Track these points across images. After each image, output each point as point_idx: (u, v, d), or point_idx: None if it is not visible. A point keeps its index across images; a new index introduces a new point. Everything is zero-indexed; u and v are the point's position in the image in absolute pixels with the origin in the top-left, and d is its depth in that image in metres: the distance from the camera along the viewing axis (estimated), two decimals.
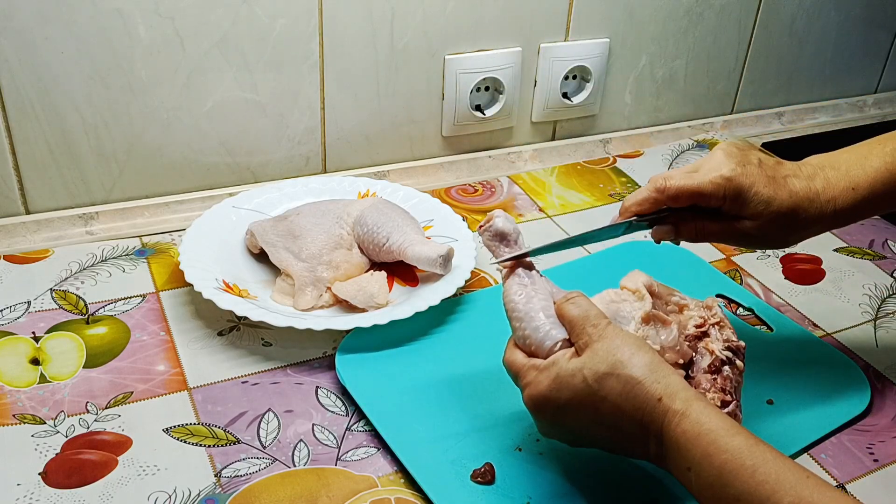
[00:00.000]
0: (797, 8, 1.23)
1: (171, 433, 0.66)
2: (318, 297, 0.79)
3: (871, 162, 0.68)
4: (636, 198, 0.68)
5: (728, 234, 0.68)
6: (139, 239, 0.89)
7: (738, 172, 0.65)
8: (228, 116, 0.94)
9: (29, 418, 0.67)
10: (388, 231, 0.82)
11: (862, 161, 0.68)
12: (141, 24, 0.85)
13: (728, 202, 0.66)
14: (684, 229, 0.68)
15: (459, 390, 0.71)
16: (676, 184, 0.66)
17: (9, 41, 0.81)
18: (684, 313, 0.64)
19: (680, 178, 0.66)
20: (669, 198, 0.66)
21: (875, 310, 0.87)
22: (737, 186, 0.65)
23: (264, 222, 0.85)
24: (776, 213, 0.66)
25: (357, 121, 1.00)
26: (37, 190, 0.89)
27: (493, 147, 1.11)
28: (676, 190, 0.66)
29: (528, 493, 0.62)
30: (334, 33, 0.94)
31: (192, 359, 0.74)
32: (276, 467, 0.64)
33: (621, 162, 1.13)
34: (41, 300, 0.79)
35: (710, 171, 0.66)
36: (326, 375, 0.73)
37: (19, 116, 0.85)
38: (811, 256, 0.96)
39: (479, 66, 1.03)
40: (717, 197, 0.66)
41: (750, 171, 0.66)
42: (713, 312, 0.64)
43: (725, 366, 0.61)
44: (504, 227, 0.63)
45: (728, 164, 0.65)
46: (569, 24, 1.07)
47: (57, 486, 0.61)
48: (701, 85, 1.22)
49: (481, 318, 0.80)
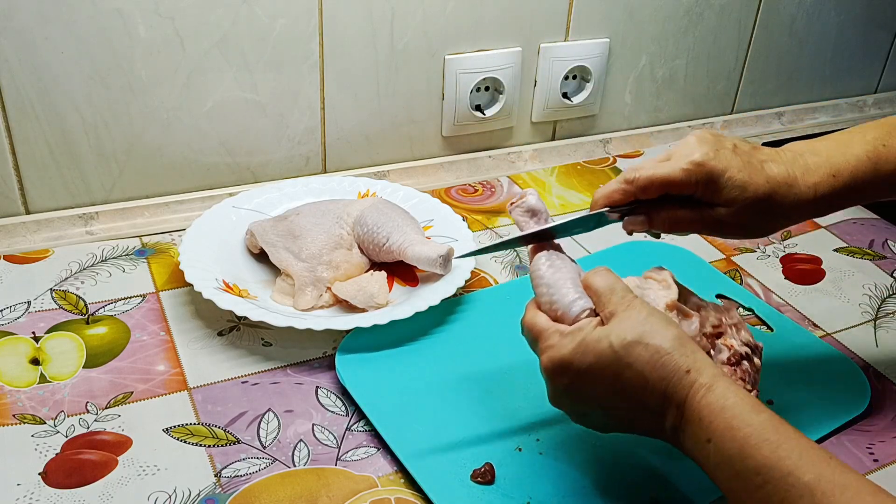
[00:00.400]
0: (797, 8, 1.23)
1: (171, 433, 0.66)
2: (318, 297, 0.79)
3: (852, 149, 0.66)
4: (605, 190, 0.65)
5: (703, 222, 0.65)
6: (139, 239, 0.89)
7: (710, 157, 0.63)
8: (228, 116, 0.94)
9: (29, 418, 0.67)
10: (388, 231, 0.82)
11: (843, 148, 0.66)
12: (141, 24, 0.85)
13: (700, 189, 0.63)
14: (657, 219, 0.66)
15: (459, 390, 0.71)
16: (646, 174, 0.64)
17: (9, 41, 0.81)
18: (702, 313, 0.64)
19: (649, 168, 0.64)
20: (639, 188, 0.64)
21: (875, 310, 0.87)
22: (709, 172, 0.62)
23: (264, 222, 0.85)
24: (752, 199, 0.63)
25: (357, 121, 1.00)
26: (37, 190, 0.89)
27: (493, 147, 1.11)
28: (646, 180, 0.63)
29: (528, 493, 0.62)
30: (334, 33, 0.94)
31: (192, 359, 0.74)
32: (276, 467, 0.64)
33: (621, 162, 1.13)
34: (41, 300, 0.79)
35: (681, 157, 0.63)
36: (326, 375, 0.73)
37: (19, 116, 0.85)
38: (811, 256, 0.96)
39: (479, 66, 1.03)
40: (689, 184, 0.63)
41: (723, 155, 0.63)
42: (731, 314, 0.64)
43: (744, 360, 0.61)
44: (536, 204, 0.64)
45: (700, 150, 0.63)
46: (569, 24, 1.07)
47: (57, 486, 0.61)
48: (701, 85, 1.22)
49: (481, 318, 0.80)
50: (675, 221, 0.66)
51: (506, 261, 0.90)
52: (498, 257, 0.91)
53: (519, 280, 0.87)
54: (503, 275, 0.88)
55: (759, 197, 0.64)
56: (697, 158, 0.63)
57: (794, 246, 0.97)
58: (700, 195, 0.64)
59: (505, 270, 0.89)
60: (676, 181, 0.63)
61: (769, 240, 0.98)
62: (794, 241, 0.98)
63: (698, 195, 0.64)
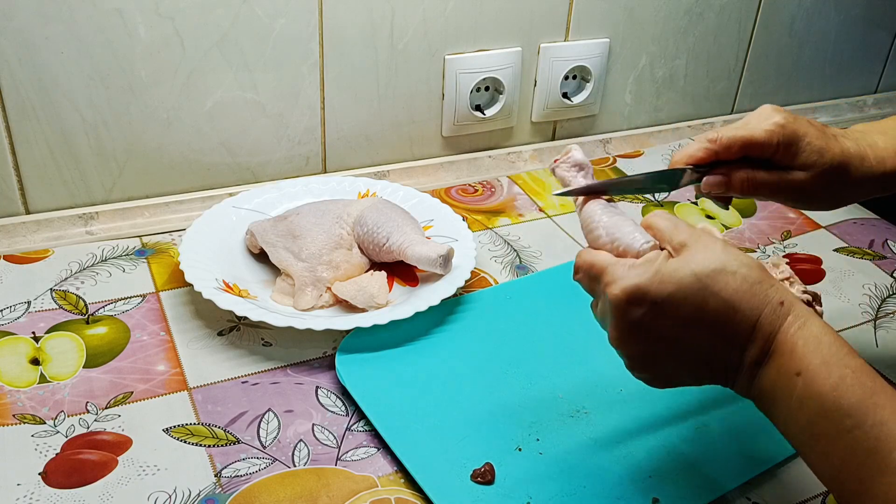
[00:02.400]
0: (797, 8, 1.23)
1: (171, 433, 0.66)
2: (318, 297, 0.79)
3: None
4: (687, 150, 0.66)
5: (778, 187, 0.66)
6: (139, 239, 0.89)
7: (791, 121, 0.64)
8: (228, 116, 0.94)
9: (29, 418, 0.67)
10: (388, 231, 0.82)
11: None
12: (141, 24, 0.85)
13: (781, 151, 0.64)
14: (735, 180, 0.66)
15: (459, 390, 0.71)
16: (729, 133, 0.65)
17: (9, 41, 0.81)
18: None
19: (731, 129, 0.65)
20: (722, 146, 0.64)
21: (875, 310, 0.87)
22: (790, 133, 0.64)
23: (264, 222, 0.85)
24: (829, 166, 0.65)
25: (357, 121, 1.00)
26: (37, 190, 0.89)
27: (493, 147, 1.11)
28: (729, 139, 0.64)
29: (528, 493, 0.62)
30: (334, 33, 0.94)
31: (192, 359, 0.74)
32: (276, 467, 0.64)
33: (621, 162, 1.13)
34: (41, 300, 0.79)
35: (762, 120, 0.65)
36: (326, 375, 0.73)
37: (19, 116, 0.85)
38: (811, 256, 0.96)
39: (479, 66, 1.03)
40: (770, 145, 0.64)
41: (801, 122, 0.65)
42: (780, 269, 0.64)
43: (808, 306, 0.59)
44: (582, 158, 0.64)
45: (779, 115, 0.65)
46: (569, 24, 1.07)
47: (57, 486, 0.61)
48: (701, 85, 1.22)
49: (481, 318, 0.80)
50: (752, 183, 0.66)
51: (506, 261, 0.90)
52: (498, 257, 0.91)
53: (519, 280, 0.87)
54: (503, 275, 0.88)
55: (835, 165, 0.65)
56: (780, 121, 0.64)
57: (794, 246, 0.97)
58: (779, 158, 0.65)
59: (505, 270, 0.89)
60: (759, 141, 0.64)
61: (769, 240, 0.98)
62: (794, 241, 0.98)
63: (778, 158, 0.65)
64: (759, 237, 0.99)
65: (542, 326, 0.79)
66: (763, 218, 1.03)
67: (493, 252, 0.92)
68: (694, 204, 1.04)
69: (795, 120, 0.65)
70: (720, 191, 0.66)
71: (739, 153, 0.65)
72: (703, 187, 0.66)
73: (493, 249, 0.92)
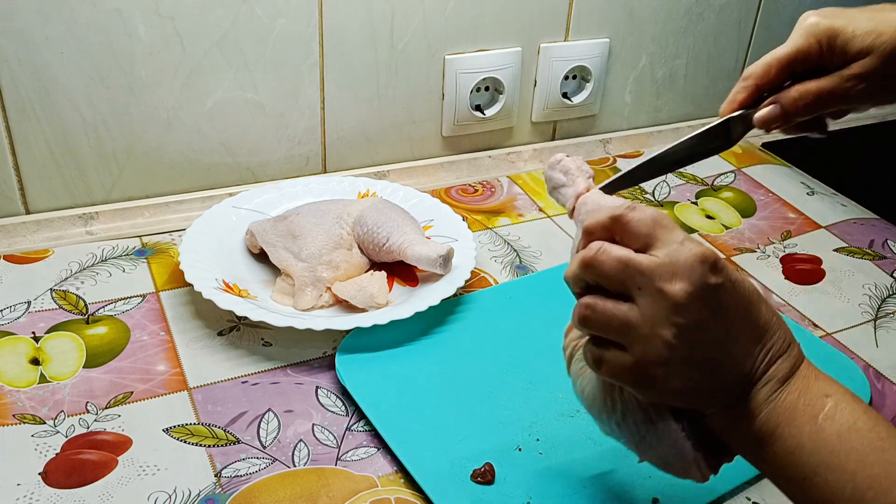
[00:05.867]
0: (797, 8, 1.23)
1: (171, 433, 0.66)
2: (318, 297, 0.79)
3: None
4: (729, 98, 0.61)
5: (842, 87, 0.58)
6: (139, 239, 0.89)
7: (827, 15, 0.58)
8: (228, 116, 0.94)
9: (29, 418, 0.67)
10: (388, 231, 0.82)
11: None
12: (141, 24, 0.85)
13: (826, 50, 0.58)
14: (787, 102, 0.59)
15: (459, 390, 0.71)
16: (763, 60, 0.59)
17: (9, 41, 0.81)
18: None
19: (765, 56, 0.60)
20: (759, 76, 0.59)
21: (875, 310, 0.87)
22: (827, 28, 0.58)
23: (264, 222, 0.85)
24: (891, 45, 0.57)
25: (357, 121, 1.01)
26: (37, 190, 0.89)
27: (493, 147, 1.11)
28: (763, 64, 0.59)
29: (528, 493, 0.62)
30: (334, 33, 0.94)
31: (192, 359, 0.74)
32: (276, 467, 0.64)
33: (621, 162, 1.13)
34: (41, 300, 0.79)
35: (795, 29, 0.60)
36: (326, 375, 0.73)
37: (19, 116, 0.85)
38: (811, 256, 0.96)
39: (479, 66, 1.03)
40: (809, 49, 0.58)
41: (843, 14, 0.58)
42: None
43: None
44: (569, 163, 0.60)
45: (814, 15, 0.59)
46: (569, 24, 1.07)
47: (57, 486, 0.61)
48: (701, 85, 1.22)
49: (481, 318, 0.80)
50: (808, 98, 0.59)
51: (506, 261, 0.90)
52: (498, 257, 0.91)
53: (519, 280, 0.87)
54: (503, 275, 0.88)
55: None
56: (812, 20, 0.59)
57: (793, 246, 0.97)
58: (830, 59, 0.59)
59: (505, 270, 0.89)
60: (794, 51, 0.59)
61: (769, 240, 0.98)
62: (794, 241, 0.98)
63: (827, 60, 0.59)
64: (759, 237, 0.99)
65: (542, 326, 0.79)
66: (763, 218, 1.03)
67: (493, 252, 0.92)
68: (694, 204, 1.04)
69: (834, 13, 0.58)
70: (777, 122, 0.60)
71: (782, 75, 0.59)
72: (756, 124, 0.60)
73: (493, 249, 0.92)
